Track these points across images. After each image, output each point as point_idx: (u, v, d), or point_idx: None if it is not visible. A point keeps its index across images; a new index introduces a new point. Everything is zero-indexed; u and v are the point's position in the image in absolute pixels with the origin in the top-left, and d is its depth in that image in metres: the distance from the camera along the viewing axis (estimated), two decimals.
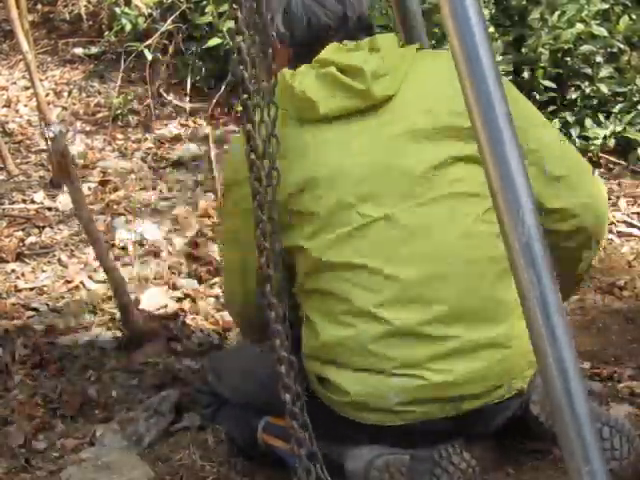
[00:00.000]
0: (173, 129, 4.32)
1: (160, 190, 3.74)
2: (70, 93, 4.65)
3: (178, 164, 3.96)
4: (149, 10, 4.43)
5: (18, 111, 4.57)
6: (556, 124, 3.65)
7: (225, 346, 2.69)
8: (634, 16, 3.82)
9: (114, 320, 2.78)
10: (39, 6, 5.23)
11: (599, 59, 3.75)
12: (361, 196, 1.86)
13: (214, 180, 3.70)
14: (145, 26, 4.47)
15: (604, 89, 3.71)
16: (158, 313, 2.84)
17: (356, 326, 1.87)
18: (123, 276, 2.84)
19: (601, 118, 3.73)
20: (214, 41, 4.12)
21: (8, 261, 3.22)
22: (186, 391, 2.41)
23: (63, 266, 3.18)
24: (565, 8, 3.66)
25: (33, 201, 3.68)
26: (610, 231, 3.31)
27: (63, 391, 2.45)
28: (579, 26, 3.67)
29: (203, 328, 2.77)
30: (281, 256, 1.72)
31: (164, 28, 4.36)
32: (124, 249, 3.26)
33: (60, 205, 3.61)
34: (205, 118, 4.31)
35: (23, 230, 3.47)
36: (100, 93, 4.65)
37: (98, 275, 3.03)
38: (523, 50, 3.76)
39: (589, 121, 3.69)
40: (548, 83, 3.71)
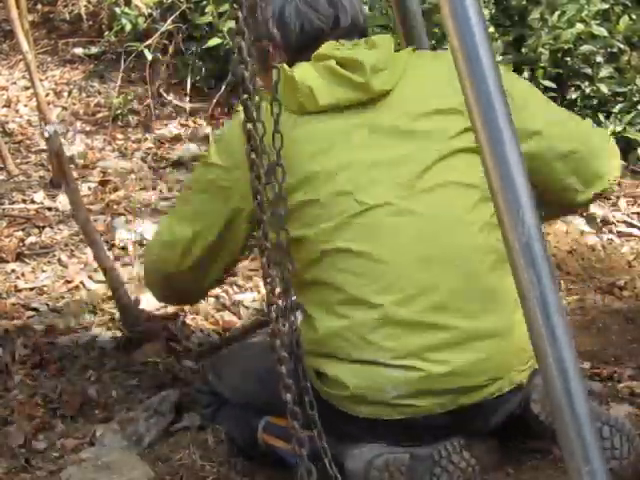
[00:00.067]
0: (173, 129, 4.32)
1: (160, 190, 3.74)
2: (70, 93, 4.65)
3: (178, 164, 3.97)
4: (149, 10, 4.43)
5: (18, 111, 4.57)
6: None
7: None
8: (634, 16, 3.82)
9: (114, 320, 2.78)
10: (39, 6, 5.23)
11: (599, 59, 3.75)
12: (359, 185, 1.88)
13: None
14: (145, 26, 4.47)
15: (604, 89, 3.72)
16: (158, 313, 2.83)
17: (352, 316, 1.87)
18: (122, 276, 2.84)
19: (601, 118, 3.73)
20: (214, 41, 4.13)
21: (8, 261, 3.22)
22: (186, 391, 2.40)
23: (63, 266, 3.18)
24: (565, 8, 3.67)
25: (33, 201, 3.68)
26: (610, 231, 3.32)
27: (63, 391, 2.45)
28: (579, 26, 3.67)
29: (203, 328, 2.77)
30: (285, 255, 1.72)
31: (164, 28, 4.36)
32: (124, 249, 3.26)
33: (60, 205, 3.60)
34: (205, 118, 4.31)
35: (23, 230, 3.46)
36: (100, 93, 4.65)
37: (98, 275, 3.02)
38: (523, 50, 3.76)
39: (589, 121, 3.69)
40: (548, 83, 3.71)
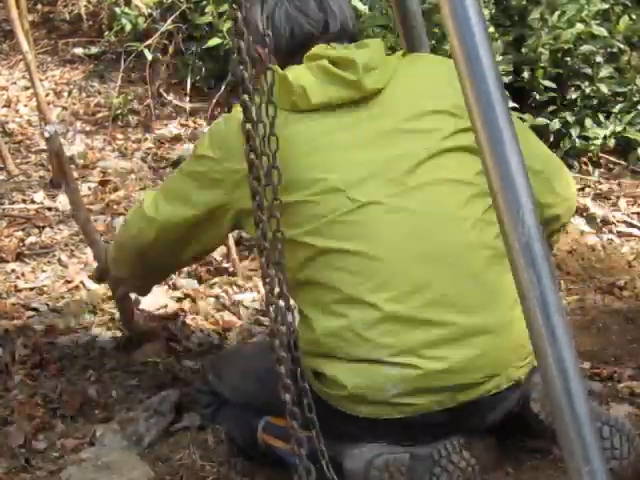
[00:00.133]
0: (173, 129, 4.32)
1: None
2: (70, 93, 4.65)
3: (178, 164, 3.94)
4: (149, 10, 4.43)
5: (18, 111, 4.57)
6: (556, 124, 3.66)
7: (225, 346, 2.69)
8: (634, 16, 3.82)
9: (114, 320, 2.78)
10: (39, 6, 5.23)
11: (599, 59, 3.75)
12: (350, 183, 1.88)
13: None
14: (145, 26, 4.47)
15: (604, 89, 3.72)
16: (158, 313, 2.83)
17: (348, 315, 1.87)
18: None
19: (601, 118, 3.73)
20: (214, 41, 4.13)
21: (8, 261, 3.22)
22: (186, 391, 2.40)
23: (63, 266, 3.18)
24: (565, 8, 3.66)
25: (33, 201, 3.68)
26: (610, 231, 3.32)
27: (63, 391, 2.45)
28: (579, 26, 3.67)
29: (203, 328, 2.77)
30: (283, 255, 1.72)
31: (164, 28, 4.37)
32: None
33: (60, 205, 3.60)
34: (205, 118, 4.32)
35: (23, 230, 3.46)
36: (100, 93, 4.65)
37: None
38: (523, 50, 3.76)
39: (589, 121, 3.69)
40: (548, 83, 3.71)
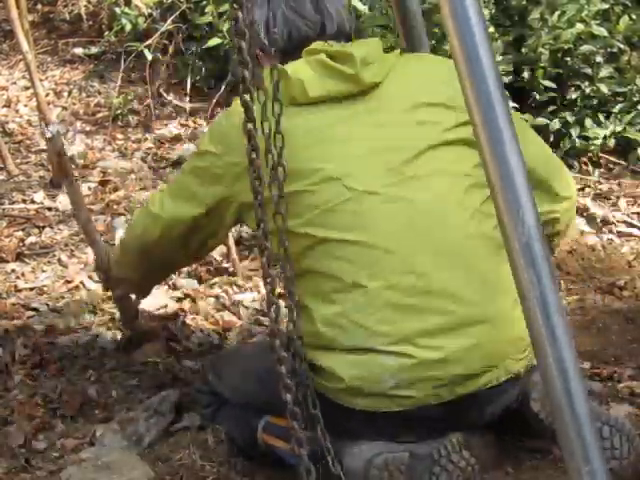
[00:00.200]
0: (173, 129, 4.32)
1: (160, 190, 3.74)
2: (70, 93, 4.65)
3: (178, 164, 3.96)
4: (149, 10, 4.44)
5: (18, 111, 4.58)
6: (556, 124, 3.66)
7: (225, 346, 2.69)
8: (634, 16, 3.82)
9: (114, 320, 2.78)
10: (39, 6, 5.24)
11: (599, 59, 3.75)
12: (347, 172, 1.90)
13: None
14: (145, 26, 4.47)
15: (604, 89, 3.72)
16: (158, 313, 2.83)
17: (346, 302, 1.88)
18: None
19: (601, 118, 3.73)
20: (214, 41, 4.13)
21: (8, 261, 3.22)
22: (186, 391, 2.40)
23: (63, 266, 3.18)
24: (565, 8, 3.67)
25: (33, 201, 3.68)
26: (610, 231, 3.32)
27: (63, 391, 2.45)
28: (579, 26, 3.67)
29: (203, 328, 2.77)
30: (287, 255, 1.72)
31: (164, 28, 4.37)
32: None
33: (60, 205, 3.61)
34: (205, 118, 4.32)
35: (23, 230, 3.47)
36: (100, 93, 4.65)
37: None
38: (523, 50, 3.76)
39: (589, 121, 3.69)
40: (548, 83, 3.71)
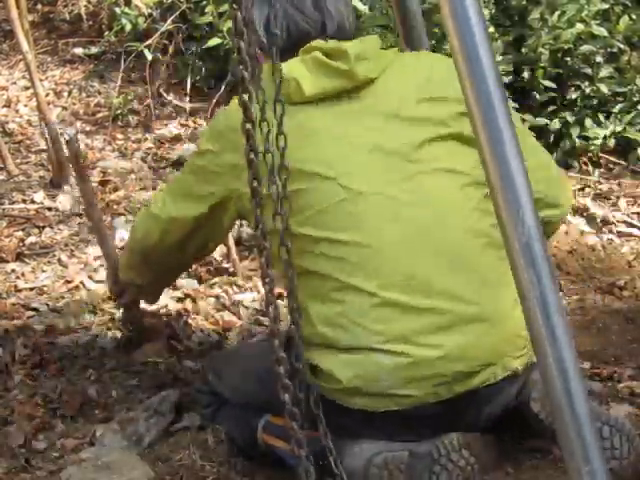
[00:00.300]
0: (173, 129, 4.32)
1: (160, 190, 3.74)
2: (70, 93, 4.65)
3: (178, 164, 3.96)
4: (149, 10, 4.44)
5: (18, 111, 4.58)
6: (556, 124, 3.66)
7: (225, 346, 2.69)
8: (634, 16, 3.82)
9: (114, 320, 2.78)
10: (39, 6, 5.23)
11: (599, 59, 3.76)
12: (342, 172, 1.90)
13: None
14: (145, 26, 4.47)
15: (604, 89, 3.72)
16: (158, 313, 2.83)
17: (343, 301, 1.88)
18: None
19: (601, 118, 3.73)
20: (214, 41, 4.13)
21: (8, 261, 3.22)
22: (186, 391, 2.40)
23: (63, 266, 3.18)
24: (565, 8, 3.67)
25: (33, 201, 3.68)
26: (610, 231, 3.32)
27: (63, 391, 2.45)
28: (579, 26, 3.67)
29: (203, 328, 2.77)
30: (289, 255, 1.72)
31: (164, 28, 4.37)
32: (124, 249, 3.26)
33: (60, 205, 3.61)
34: (205, 118, 4.32)
35: (23, 230, 3.47)
36: (100, 93, 4.65)
37: (98, 275, 3.03)
38: (523, 50, 3.76)
39: (589, 121, 3.70)
40: (548, 83, 3.72)
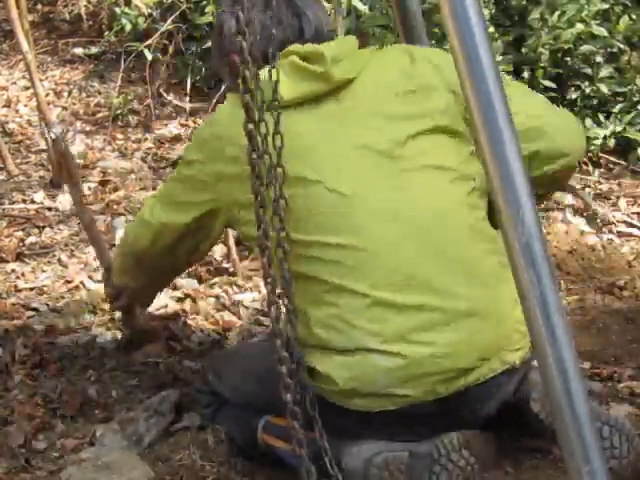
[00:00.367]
0: (173, 129, 4.32)
1: None
2: (70, 93, 4.65)
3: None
4: (149, 10, 4.44)
5: (18, 111, 4.58)
6: None
7: (225, 346, 2.69)
8: (634, 16, 3.83)
9: (114, 320, 2.78)
10: (39, 6, 5.23)
11: (599, 59, 3.76)
12: (327, 175, 1.90)
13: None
14: (145, 26, 4.47)
15: (604, 89, 3.72)
16: (158, 313, 2.83)
17: (338, 304, 1.88)
18: None
19: (601, 118, 3.73)
20: None
21: (8, 261, 3.22)
22: (186, 391, 2.40)
23: (63, 266, 3.18)
24: (565, 8, 3.67)
25: (33, 201, 3.68)
26: (610, 231, 3.32)
27: (63, 391, 2.45)
28: (579, 26, 3.68)
29: (203, 328, 2.77)
30: (287, 255, 1.72)
31: (164, 28, 4.37)
32: None
33: (60, 205, 3.61)
34: (205, 118, 4.31)
35: (23, 230, 3.47)
36: (100, 93, 4.65)
37: (98, 275, 3.03)
38: (523, 50, 3.76)
39: (589, 121, 3.70)
40: (548, 83, 3.72)
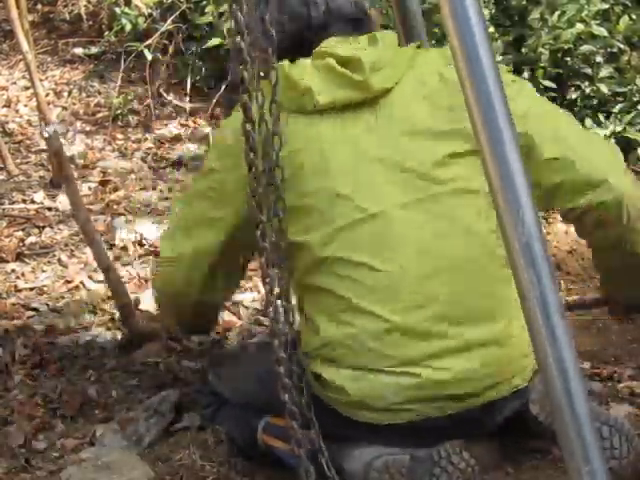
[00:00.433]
0: (173, 129, 4.32)
1: (160, 190, 3.74)
2: (70, 93, 4.65)
3: (178, 164, 3.97)
4: (149, 10, 4.44)
5: (18, 111, 4.57)
6: None
7: (225, 346, 2.69)
8: (634, 16, 3.82)
9: (114, 320, 2.78)
10: (39, 6, 5.23)
11: (599, 59, 3.76)
12: (359, 190, 1.85)
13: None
14: (145, 26, 4.47)
15: (604, 89, 3.72)
16: (158, 313, 2.83)
17: (355, 324, 1.86)
18: (122, 276, 2.84)
19: (601, 118, 3.73)
20: (214, 41, 4.13)
21: (8, 261, 3.22)
22: (186, 391, 2.40)
23: (63, 266, 3.18)
24: (565, 8, 3.67)
25: (33, 201, 3.68)
26: None
27: (63, 391, 2.45)
28: (579, 26, 3.67)
29: None
30: (284, 256, 1.71)
31: (164, 28, 4.37)
32: (124, 249, 3.26)
33: (60, 205, 3.60)
34: (205, 118, 4.32)
35: (23, 230, 3.47)
36: (100, 93, 4.65)
37: (98, 275, 3.02)
38: (523, 50, 3.76)
39: (589, 121, 3.69)
40: (548, 83, 3.71)
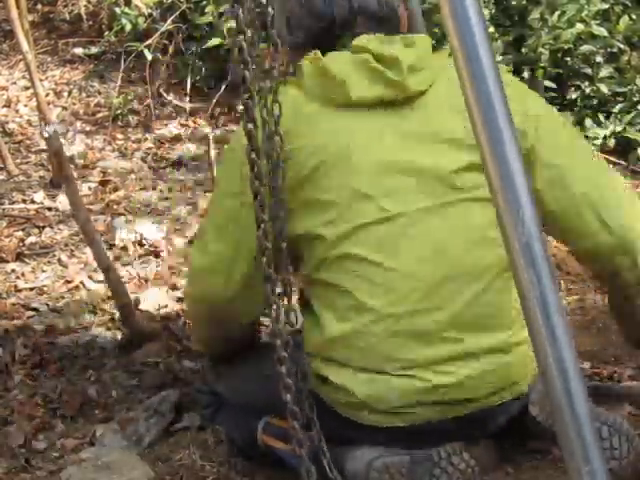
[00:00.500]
0: (173, 129, 4.32)
1: (160, 190, 3.74)
2: (70, 93, 4.65)
3: (178, 164, 3.97)
4: (149, 10, 4.44)
5: (18, 111, 4.58)
6: None
7: None
8: (634, 16, 3.83)
9: (114, 320, 2.78)
10: (39, 6, 5.24)
11: (599, 59, 3.76)
12: (381, 190, 1.84)
13: (214, 180, 3.70)
14: (145, 26, 4.48)
15: (604, 89, 3.72)
16: (158, 313, 2.84)
17: (361, 323, 1.85)
18: (122, 276, 2.84)
19: (601, 118, 3.73)
20: (214, 41, 4.13)
21: (8, 261, 3.22)
22: (186, 391, 2.40)
23: (63, 266, 3.18)
24: (565, 8, 3.67)
25: (33, 201, 3.68)
26: None
27: (63, 391, 2.45)
28: (579, 26, 3.68)
29: None
30: (287, 255, 1.71)
31: (164, 28, 4.37)
32: (124, 249, 3.26)
33: (60, 205, 3.61)
34: (205, 118, 4.32)
35: (23, 230, 3.47)
36: (100, 93, 4.65)
37: (98, 275, 3.03)
38: (523, 50, 3.76)
39: (589, 121, 3.70)
40: (548, 83, 3.72)
